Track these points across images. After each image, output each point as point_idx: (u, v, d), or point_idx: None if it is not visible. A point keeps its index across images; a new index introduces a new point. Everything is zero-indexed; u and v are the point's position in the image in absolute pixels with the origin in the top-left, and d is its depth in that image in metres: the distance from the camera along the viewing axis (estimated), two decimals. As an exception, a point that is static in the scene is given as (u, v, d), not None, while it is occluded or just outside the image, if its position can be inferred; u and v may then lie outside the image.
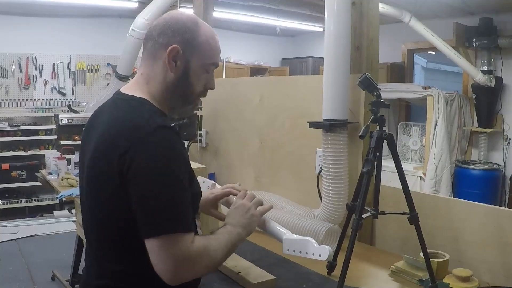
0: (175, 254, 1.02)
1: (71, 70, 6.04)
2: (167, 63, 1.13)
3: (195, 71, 1.17)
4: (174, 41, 1.13)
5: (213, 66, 1.21)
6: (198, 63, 1.16)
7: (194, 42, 1.15)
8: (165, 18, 1.18)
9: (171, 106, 1.21)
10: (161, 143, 1.05)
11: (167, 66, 1.14)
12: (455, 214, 1.77)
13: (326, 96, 1.93)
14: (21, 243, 4.37)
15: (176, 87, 1.16)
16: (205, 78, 1.21)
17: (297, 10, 5.53)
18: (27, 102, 5.81)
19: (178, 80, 1.16)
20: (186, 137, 2.68)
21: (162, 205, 1.03)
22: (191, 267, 1.05)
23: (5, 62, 5.66)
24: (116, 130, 1.07)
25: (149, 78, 1.17)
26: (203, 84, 1.21)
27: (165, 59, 1.13)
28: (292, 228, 1.82)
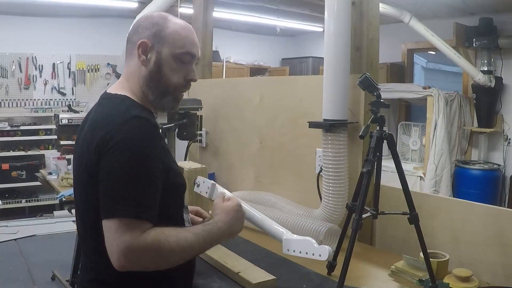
0: (122, 241, 1.01)
1: (71, 70, 6.04)
2: (138, 57, 1.18)
3: (167, 62, 1.19)
4: (143, 37, 1.18)
5: (188, 56, 1.22)
6: (169, 53, 1.19)
7: (162, 34, 1.18)
8: (138, 19, 1.26)
9: (151, 99, 1.23)
10: (133, 131, 1.08)
11: (140, 61, 1.19)
12: (455, 214, 1.77)
13: (326, 96, 1.93)
14: (21, 243, 4.37)
15: (151, 80, 1.20)
16: (183, 70, 1.22)
17: (297, 10, 5.53)
18: (27, 102, 5.81)
19: (151, 72, 1.19)
20: (186, 137, 2.68)
21: (121, 189, 1.04)
22: (136, 258, 1.03)
23: (5, 62, 5.66)
24: (96, 124, 1.13)
25: (128, 76, 1.22)
26: (182, 76, 1.22)
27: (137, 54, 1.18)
28: (292, 228, 1.82)
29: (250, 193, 2.42)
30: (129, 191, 1.04)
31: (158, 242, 1.05)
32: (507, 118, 4.95)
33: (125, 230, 1.02)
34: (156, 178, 1.09)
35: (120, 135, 1.07)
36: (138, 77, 1.20)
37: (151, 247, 1.03)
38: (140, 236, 1.02)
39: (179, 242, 1.08)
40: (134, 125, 1.09)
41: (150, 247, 1.03)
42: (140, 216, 1.04)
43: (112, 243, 1.02)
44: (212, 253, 1.66)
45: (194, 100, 2.74)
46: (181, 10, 3.86)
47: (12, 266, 3.77)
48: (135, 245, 1.01)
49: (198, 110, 2.71)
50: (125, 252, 1.01)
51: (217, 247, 1.72)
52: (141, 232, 1.03)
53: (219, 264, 1.60)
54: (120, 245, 1.01)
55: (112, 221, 1.02)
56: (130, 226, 1.02)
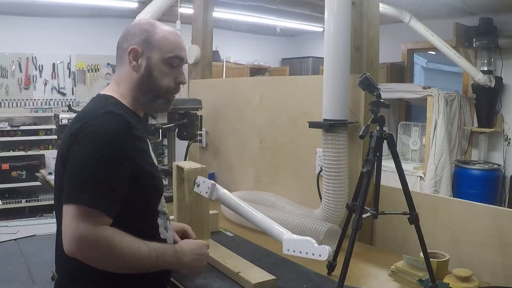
0: (77, 227, 1.03)
1: (71, 70, 6.04)
2: (129, 63, 1.23)
3: (158, 66, 1.25)
4: (133, 43, 1.24)
5: (177, 60, 1.27)
6: (159, 58, 1.24)
7: (151, 40, 1.24)
8: (127, 26, 1.30)
9: (144, 104, 1.28)
10: (104, 124, 1.12)
11: (131, 66, 1.25)
12: (455, 214, 1.77)
13: (326, 96, 1.93)
14: (21, 243, 4.37)
15: (142, 84, 1.25)
16: (173, 73, 1.27)
17: (297, 10, 5.53)
18: (27, 102, 5.81)
19: (142, 77, 1.24)
20: (186, 137, 2.68)
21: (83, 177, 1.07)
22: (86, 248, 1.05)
23: (5, 62, 5.66)
24: (76, 118, 1.19)
25: (119, 81, 1.28)
26: (172, 79, 1.27)
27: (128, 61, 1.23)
28: (292, 228, 1.82)
29: (250, 193, 2.42)
30: (90, 180, 1.07)
31: (111, 241, 1.07)
32: (507, 118, 4.95)
33: (81, 218, 1.04)
34: (120, 174, 1.11)
35: (92, 126, 1.11)
36: (129, 82, 1.25)
37: (103, 243, 1.06)
38: (95, 228, 1.05)
39: (131, 249, 1.10)
40: (106, 119, 1.13)
41: (102, 242, 1.05)
42: (97, 207, 1.06)
43: (67, 227, 1.05)
44: (212, 253, 1.66)
45: (194, 100, 2.74)
46: (181, 10, 3.86)
47: (12, 266, 3.77)
48: (89, 235, 1.04)
49: (198, 110, 2.71)
50: (77, 240, 1.03)
51: (217, 247, 1.73)
52: (97, 224, 1.05)
53: (219, 264, 1.59)
54: (73, 232, 1.04)
55: (71, 206, 1.05)
56: (87, 215, 1.05)
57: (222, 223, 2.11)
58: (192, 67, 3.22)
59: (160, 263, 1.18)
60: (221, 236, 1.98)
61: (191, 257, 1.27)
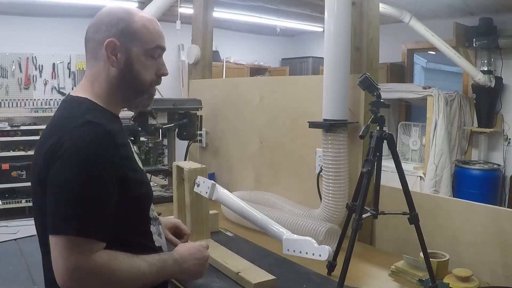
0: (70, 260, 0.95)
1: (71, 70, 6.04)
2: (107, 59, 1.10)
3: (139, 59, 1.12)
4: (109, 35, 1.09)
5: (159, 50, 1.16)
6: (140, 49, 1.12)
7: (129, 30, 1.10)
8: (98, 15, 1.13)
9: (124, 101, 1.17)
10: (83, 139, 1.00)
11: (108, 62, 1.10)
12: (455, 214, 1.77)
13: (326, 96, 1.93)
14: (21, 243, 4.35)
15: (122, 80, 1.12)
16: (154, 65, 1.16)
17: (297, 10, 5.53)
18: (27, 102, 5.80)
19: (122, 72, 1.11)
20: (186, 137, 2.68)
21: (68, 205, 0.97)
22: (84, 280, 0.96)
23: (5, 62, 5.65)
24: (49, 129, 1.07)
25: (93, 79, 1.14)
26: (154, 72, 1.16)
27: (105, 55, 1.10)
28: (292, 228, 1.82)
29: (250, 193, 2.42)
30: (77, 206, 0.97)
31: (109, 267, 0.99)
32: (507, 118, 4.95)
33: (73, 249, 0.95)
34: (109, 193, 1.01)
35: (69, 143, 0.99)
36: (105, 79, 1.12)
37: (101, 271, 0.98)
38: (89, 257, 0.96)
39: (131, 270, 1.03)
40: (85, 132, 1.01)
41: (100, 271, 0.98)
42: (88, 235, 0.97)
43: (59, 261, 0.96)
44: (212, 253, 1.66)
45: (194, 100, 2.74)
46: (181, 10, 3.86)
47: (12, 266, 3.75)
48: (84, 266, 0.96)
49: (198, 110, 2.71)
50: (72, 273, 0.95)
51: (217, 247, 1.73)
52: (91, 252, 0.97)
53: (219, 264, 1.59)
54: (67, 265, 0.95)
55: (59, 237, 0.96)
56: (78, 245, 0.95)
57: (222, 223, 2.11)
58: (192, 67, 3.22)
59: (162, 276, 1.12)
60: (221, 236, 1.97)
61: (191, 262, 1.20)
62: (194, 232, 1.78)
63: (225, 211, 2.20)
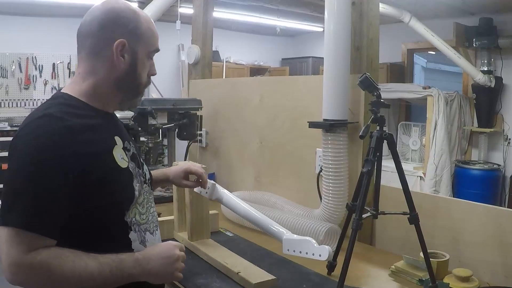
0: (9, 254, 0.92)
1: (71, 70, 6.04)
2: (115, 59, 1.08)
3: (142, 61, 1.12)
4: (118, 34, 1.07)
5: (155, 52, 1.16)
6: (144, 51, 1.12)
7: (137, 31, 1.09)
8: (102, 10, 1.10)
9: (121, 101, 1.15)
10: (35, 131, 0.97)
11: (115, 62, 1.08)
12: (455, 214, 1.77)
13: (326, 96, 1.93)
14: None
15: (124, 81, 1.11)
16: (149, 66, 1.15)
17: (297, 10, 5.53)
18: (27, 102, 5.81)
19: (126, 73, 1.10)
20: (186, 137, 2.68)
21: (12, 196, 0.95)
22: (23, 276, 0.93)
23: (5, 62, 5.66)
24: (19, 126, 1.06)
25: (87, 75, 1.10)
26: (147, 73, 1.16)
27: (112, 55, 1.07)
28: (292, 228, 1.82)
29: (250, 193, 2.42)
30: (19, 198, 0.94)
31: (48, 265, 0.94)
32: (507, 118, 4.95)
33: (13, 242, 0.92)
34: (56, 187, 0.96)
35: (22, 134, 0.98)
36: (104, 79, 1.09)
37: (39, 268, 0.93)
38: (28, 252, 0.92)
39: (75, 268, 0.96)
40: (39, 124, 0.98)
41: (37, 268, 0.93)
42: (28, 228, 0.93)
43: (3, 254, 0.93)
44: (212, 253, 1.66)
45: (194, 100, 2.74)
46: (181, 10, 3.86)
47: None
48: (20, 261, 0.92)
49: (198, 110, 2.71)
50: (11, 267, 0.92)
51: (217, 247, 1.73)
52: (31, 248, 0.93)
53: (219, 264, 1.59)
54: (6, 259, 0.93)
55: (2, 229, 0.93)
56: (19, 238, 0.92)
57: (222, 223, 2.11)
58: (192, 67, 3.22)
59: (117, 277, 1.01)
60: (221, 236, 1.97)
61: (157, 262, 1.08)
62: (194, 232, 1.78)
63: (225, 211, 2.20)
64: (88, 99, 1.10)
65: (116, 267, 1.01)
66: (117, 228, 1.09)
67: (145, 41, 1.11)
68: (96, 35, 1.08)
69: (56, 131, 0.98)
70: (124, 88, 1.13)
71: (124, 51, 1.08)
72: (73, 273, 0.95)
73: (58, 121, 0.99)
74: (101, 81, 1.10)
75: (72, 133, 1.00)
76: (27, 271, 0.93)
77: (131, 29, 1.09)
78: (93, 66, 1.10)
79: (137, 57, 1.11)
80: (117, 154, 1.10)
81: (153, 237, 1.20)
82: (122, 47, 1.08)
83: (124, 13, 1.09)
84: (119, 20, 1.08)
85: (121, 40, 1.07)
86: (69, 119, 1.01)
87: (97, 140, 1.06)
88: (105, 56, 1.08)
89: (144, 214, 1.16)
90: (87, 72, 1.10)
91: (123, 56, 1.09)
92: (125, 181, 1.11)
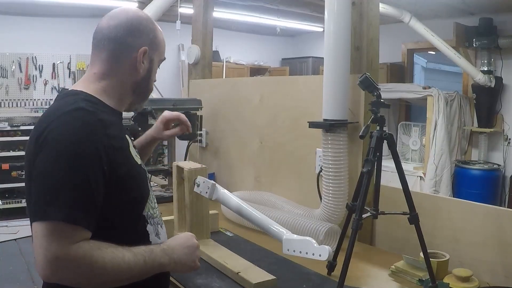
0: (49, 249, 0.90)
1: (71, 70, 6.04)
2: (137, 64, 1.15)
3: (155, 69, 1.22)
4: (143, 42, 1.16)
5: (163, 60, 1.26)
6: (158, 60, 1.22)
7: (156, 41, 1.19)
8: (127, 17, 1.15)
9: (131, 104, 1.22)
10: (70, 123, 0.99)
11: (137, 67, 1.16)
12: (455, 214, 1.77)
13: (326, 96, 1.93)
14: (21, 243, 4.36)
15: (140, 86, 1.19)
16: None
17: (297, 10, 5.53)
18: (27, 102, 5.81)
19: (144, 79, 1.18)
20: (186, 137, 2.68)
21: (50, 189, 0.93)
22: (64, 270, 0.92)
23: (5, 62, 5.65)
24: (40, 119, 1.07)
25: (104, 76, 1.14)
26: None
27: (135, 60, 1.15)
28: (292, 228, 1.82)
29: (250, 193, 2.42)
30: (57, 191, 0.93)
31: (92, 257, 0.93)
32: (507, 118, 4.95)
33: (53, 237, 0.91)
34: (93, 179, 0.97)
35: (56, 127, 0.98)
36: (122, 81, 1.15)
37: (83, 261, 0.92)
38: (70, 246, 0.91)
39: (115, 260, 0.97)
40: (74, 117, 1.00)
41: (81, 260, 0.92)
42: (69, 220, 0.92)
43: (39, 250, 0.91)
44: (212, 253, 1.66)
45: (194, 100, 2.74)
46: (181, 10, 3.86)
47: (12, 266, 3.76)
48: (64, 255, 0.91)
49: (198, 110, 2.71)
50: (52, 262, 0.90)
51: (217, 247, 1.73)
52: (73, 241, 0.92)
53: (219, 264, 1.59)
54: (46, 254, 0.90)
55: (39, 224, 0.92)
56: (59, 232, 0.91)
57: (222, 223, 2.11)
58: (192, 67, 3.22)
59: (150, 267, 1.05)
60: (221, 236, 1.97)
61: (181, 251, 1.13)
62: (194, 232, 1.78)
63: (225, 211, 2.20)
64: (104, 98, 1.14)
65: (149, 257, 1.04)
66: (138, 221, 1.13)
67: (160, 50, 1.21)
68: (121, 41, 1.14)
69: (90, 123, 1.01)
70: (138, 92, 1.20)
71: (144, 58, 1.16)
72: (113, 264, 0.97)
73: (91, 115, 1.02)
74: (119, 83, 1.16)
75: (104, 127, 1.03)
76: (71, 265, 0.92)
77: (151, 38, 1.18)
78: (111, 68, 1.15)
79: (153, 65, 1.20)
80: (132, 151, 1.15)
81: (163, 230, 1.25)
82: (144, 54, 1.16)
83: (147, 22, 1.18)
84: (144, 29, 1.16)
85: (145, 48, 1.15)
86: (100, 114, 1.05)
87: (120, 136, 1.11)
88: (127, 60, 1.15)
89: (155, 208, 1.22)
90: (105, 73, 1.15)
91: (143, 62, 1.16)
92: (142, 176, 1.17)
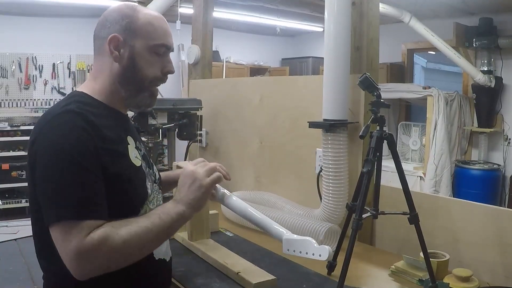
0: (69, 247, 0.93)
1: (71, 70, 6.04)
2: (109, 53, 1.11)
3: (142, 55, 1.13)
4: (113, 31, 1.11)
5: (163, 48, 1.16)
6: (143, 46, 1.12)
7: (133, 26, 1.11)
8: (104, 13, 1.16)
9: (125, 97, 1.17)
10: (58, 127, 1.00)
11: (112, 57, 1.11)
12: (455, 214, 1.77)
13: (326, 96, 1.93)
14: (21, 243, 4.35)
15: (124, 76, 1.13)
16: (159, 62, 1.16)
17: (297, 10, 5.53)
18: (27, 102, 5.81)
19: (125, 68, 1.12)
20: (186, 137, 2.68)
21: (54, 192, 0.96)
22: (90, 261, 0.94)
23: (5, 62, 5.66)
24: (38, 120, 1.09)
25: (96, 74, 1.16)
26: (159, 69, 1.16)
27: (107, 50, 1.11)
28: (292, 228, 1.82)
29: (250, 193, 2.42)
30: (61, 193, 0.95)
31: (107, 237, 0.95)
32: (507, 118, 4.95)
33: (71, 235, 0.93)
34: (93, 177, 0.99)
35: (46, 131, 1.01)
36: (109, 75, 1.13)
37: (101, 244, 0.94)
38: (85, 237, 0.93)
39: (131, 230, 0.99)
40: (63, 119, 1.01)
41: (98, 245, 0.94)
42: (80, 215, 0.95)
43: (62, 252, 0.94)
44: (212, 253, 1.66)
45: (194, 100, 2.74)
46: (181, 10, 3.86)
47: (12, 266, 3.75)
48: (82, 248, 0.93)
49: (198, 110, 2.71)
50: (75, 258, 0.93)
51: (216, 247, 1.73)
52: (86, 234, 0.94)
53: (219, 264, 1.59)
54: (69, 253, 0.93)
55: (56, 227, 0.95)
56: (74, 228, 0.93)
57: (222, 223, 2.11)
58: (192, 67, 3.22)
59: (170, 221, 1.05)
60: (221, 236, 1.97)
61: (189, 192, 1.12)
62: (194, 232, 1.78)
63: (225, 211, 2.20)
64: (101, 97, 1.14)
65: (162, 212, 1.05)
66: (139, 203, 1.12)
67: (144, 35, 1.12)
68: (98, 35, 1.15)
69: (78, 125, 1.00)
70: (126, 83, 1.14)
71: (120, 46, 1.11)
72: (130, 234, 0.98)
73: (79, 116, 1.02)
74: (107, 79, 1.14)
75: (93, 128, 1.03)
76: (92, 254, 0.94)
77: (125, 24, 1.11)
78: (99, 65, 1.15)
79: (135, 51, 1.12)
80: (131, 153, 1.13)
81: None
82: (116, 41, 1.11)
83: (121, 10, 1.13)
84: (114, 18, 1.13)
85: (114, 35, 1.10)
86: (90, 116, 1.04)
87: (112, 138, 1.08)
88: (105, 52, 1.12)
89: None
90: (97, 71, 1.16)
91: (119, 51, 1.11)
92: (139, 179, 1.14)
